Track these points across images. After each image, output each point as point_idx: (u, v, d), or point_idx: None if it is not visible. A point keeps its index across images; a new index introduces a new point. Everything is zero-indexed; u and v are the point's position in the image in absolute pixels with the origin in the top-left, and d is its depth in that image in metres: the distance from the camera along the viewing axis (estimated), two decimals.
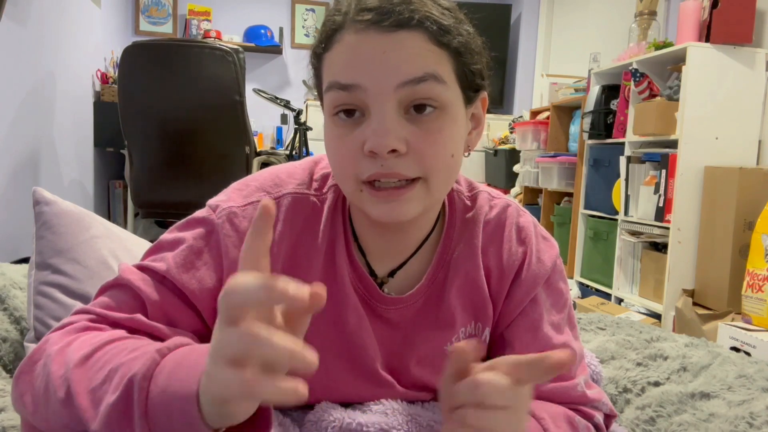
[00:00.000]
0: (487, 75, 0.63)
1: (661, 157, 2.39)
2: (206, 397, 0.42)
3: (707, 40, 2.27)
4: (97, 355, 0.53)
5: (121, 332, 0.57)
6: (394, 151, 0.55)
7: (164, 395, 0.46)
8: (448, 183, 0.62)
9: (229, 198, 0.65)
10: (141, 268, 0.62)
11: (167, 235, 0.65)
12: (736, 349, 1.74)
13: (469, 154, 0.65)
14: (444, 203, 0.70)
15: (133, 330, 0.58)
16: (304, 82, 4.81)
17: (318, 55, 0.60)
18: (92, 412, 0.49)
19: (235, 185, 0.67)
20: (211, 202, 0.65)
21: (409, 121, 0.56)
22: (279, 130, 4.77)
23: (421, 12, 0.55)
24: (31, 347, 0.93)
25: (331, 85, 0.57)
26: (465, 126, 0.62)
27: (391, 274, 0.68)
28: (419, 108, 0.56)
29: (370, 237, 0.67)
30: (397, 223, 0.61)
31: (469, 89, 0.60)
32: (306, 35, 4.94)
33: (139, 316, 0.59)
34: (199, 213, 0.65)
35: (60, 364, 0.54)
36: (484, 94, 0.64)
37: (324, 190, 0.67)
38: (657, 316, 2.38)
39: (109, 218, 3.83)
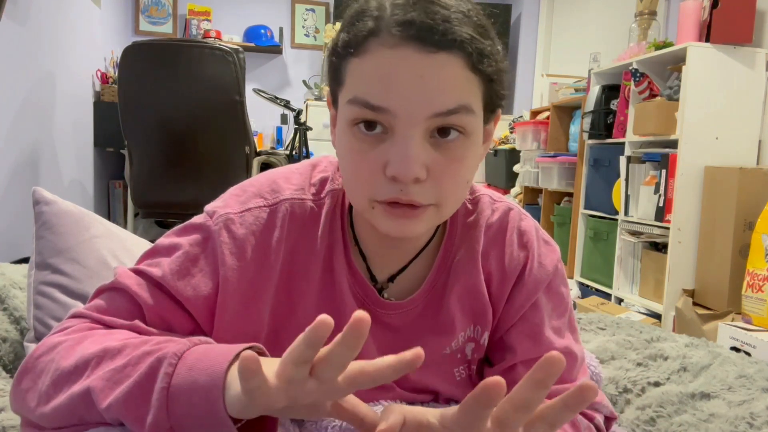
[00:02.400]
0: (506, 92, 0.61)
1: (661, 157, 2.39)
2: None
3: (707, 40, 2.27)
4: (115, 347, 0.53)
5: (131, 333, 0.58)
6: (416, 179, 0.54)
7: (192, 372, 0.48)
8: (458, 205, 0.62)
9: (226, 204, 0.64)
10: (137, 272, 0.62)
11: (164, 240, 0.64)
12: (736, 349, 1.74)
13: None
14: None
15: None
16: (304, 82, 4.81)
17: (342, 55, 0.56)
18: (107, 392, 0.50)
19: (232, 190, 0.66)
20: (208, 207, 0.65)
21: (432, 146, 0.55)
22: (279, 130, 4.77)
23: (462, 33, 0.52)
24: (30, 347, 0.93)
25: (358, 101, 0.54)
26: (481, 146, 0.60)
27: (391, 279, 0.68)
28: (443, 131, 0.54)
29: (372, 242, 0.67)
30: (403, 238, 0.60)
31: (491, 111, 0.59)
32: (306, 35, 4.93)
33: (138, 323, 0.58)
34: (196, 219, 0.64)
35: (71, 359, 0.54)
36: (499, 111, 0.63)
37: (322, 195, 0.66)
38: (657, 316, 2.38)
39: (109, 218, 3.83)
